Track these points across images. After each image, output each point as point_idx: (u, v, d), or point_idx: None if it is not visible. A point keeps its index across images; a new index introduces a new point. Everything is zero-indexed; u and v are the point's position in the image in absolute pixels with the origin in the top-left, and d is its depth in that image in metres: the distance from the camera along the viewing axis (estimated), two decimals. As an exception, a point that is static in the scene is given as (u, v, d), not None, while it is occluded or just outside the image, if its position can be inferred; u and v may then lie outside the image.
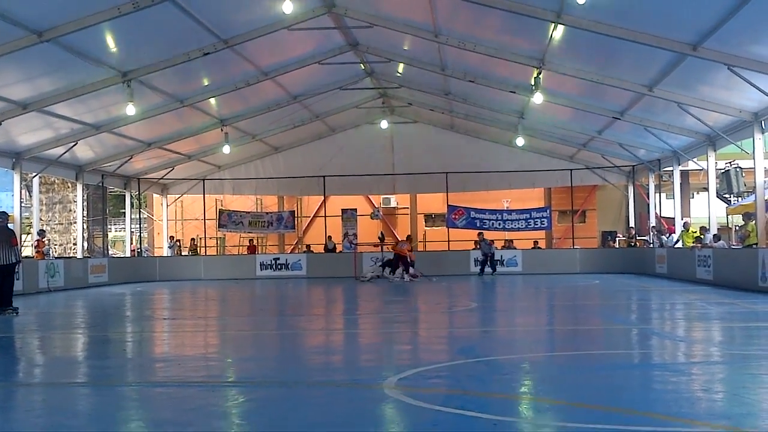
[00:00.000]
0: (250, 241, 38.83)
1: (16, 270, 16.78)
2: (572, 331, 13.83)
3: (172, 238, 38.29)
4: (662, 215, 33.45)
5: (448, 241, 35.62)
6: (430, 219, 44.95)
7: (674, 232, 29.02)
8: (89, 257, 34.73)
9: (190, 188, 38.00)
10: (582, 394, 7.75)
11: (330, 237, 35.95)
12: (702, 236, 26.33)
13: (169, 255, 37.09)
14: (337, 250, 35.74)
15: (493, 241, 32.38)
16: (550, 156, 35.94)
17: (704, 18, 16.79)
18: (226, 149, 32.03)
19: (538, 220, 35.08)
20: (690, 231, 27.88)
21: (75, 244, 41.42)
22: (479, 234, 32.83)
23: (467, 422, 6.50)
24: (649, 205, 33.67)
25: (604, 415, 6.74)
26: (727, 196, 33.08)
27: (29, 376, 10.13)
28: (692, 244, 26.16)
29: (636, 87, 22.54)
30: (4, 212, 17.54)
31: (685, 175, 36.06)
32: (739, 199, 32.54)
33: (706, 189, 27.48)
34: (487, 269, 31.47)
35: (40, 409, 7.66)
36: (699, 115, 23.09)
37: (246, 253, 37.99)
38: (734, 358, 10.08)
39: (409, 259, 29.53)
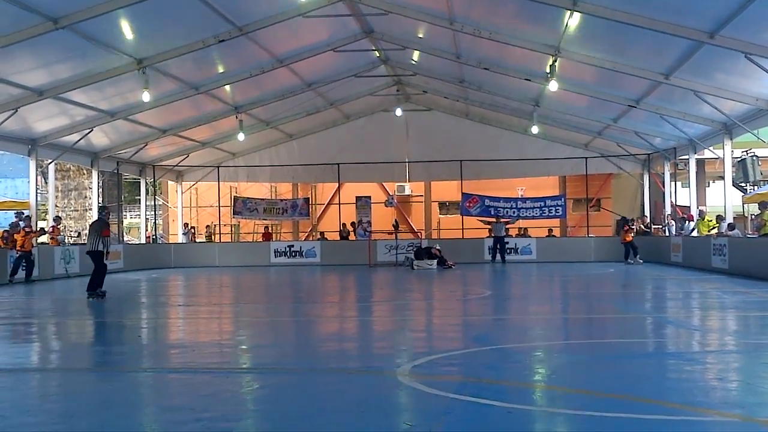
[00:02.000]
0: (266, 228, 38.92)
1: (105, 257, 18.17)
2: (586, 320, 13.82)
3: (186, 225, 38.41)
4: (678, 204, 33.27)
5: (462, 228, 35.58)
6: (445, 207, 44.89)
7: (693, 220, 28.88)
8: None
9: (204, 175, 38.10)
10: (596, 382, 7.75)
11: (344, 225, 35.99)
12: (717, 225, 26.22)
13: (184, 242, 37.23)
14: (350, 238, 35.79)
15: (508, 224, 32.48)
16: (565, 144, 35.81)
17: (722, 5, 16.68)
18: (241, 136, 32.06)
19: (553, 209, 34.99)
20: (705, 220, 27.76)
21: (90, 230, 41.53)
22: (497, 218, 32.97)
23: (481, 410, 6.52)
24: (664, 193, 33.53)
25: (618, 403, 6.75)
26: (742, 184, 32.92)
27: (45, 361, 10.19)
28: (708, 233, 26.06)
29: (652, 75, 22.42)
30: (103, 206, 20.93)
31: (700, 163, 35.87)
32: (755, 187, 32.39)
33: (722, 178, 27.36)
34: (498, 257, 31.63)
35: (56, 395, 7.72)
36: (715, 103, 22.96)
37: (261, 240, 38.06)
38: (748, 347, 10.04)
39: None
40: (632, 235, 30.63)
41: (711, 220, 27.53)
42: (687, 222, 29.37)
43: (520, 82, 26.62)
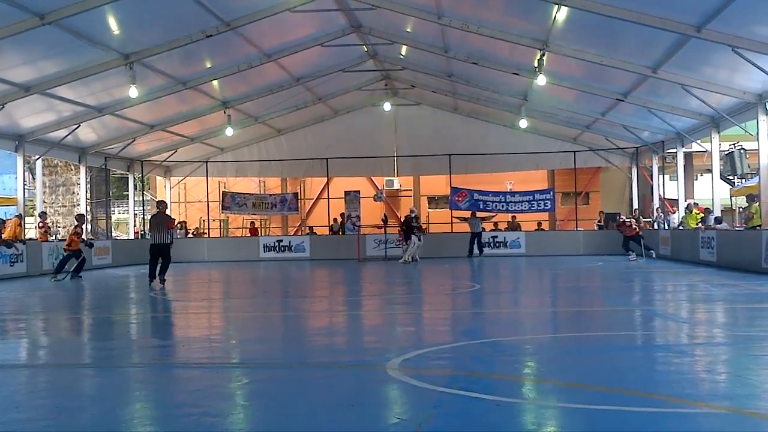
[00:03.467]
0: (252, 224, 38.84)
1: (168, 248, 19.72)
2: (575, 313, 13.85)
3: (173, 220, 38.25)
4: (666, 197, 33.36)
5: (452, 223, 35.63)
6: (434, 201, 44.94)
7: (673, 213, 28.94)
8: (93, 239, 34.73)
9: (193, 170, 38.05)
10: (585, 375, 7.77)
11: (335, 219, 36.02)
12: (705, 217, 26.31)
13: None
14: (340, 233, 35.82)
15: (484, 219, 32.38)
16: (554, 138, 35.87)
17: (708, -1, 16.73)
18: (229, 131, 32.02)
19: (542, 202, 35.07)
20: (693, 213, 27.85)
21: (78, 226, 41.37)
22: (472, 212, 32.83)
23: (470, 403, 6.52)
24: (652, 186, 33.62)
25: (607, 396, 6.77)
26: (730, 177, 33.00)
27: (34, 357, 10.16)
28: (695, 226, 26.14)
29: (640, 69, 22.46)
30: (162, 201, 22.23)
31: (688, 156, 35.90)
32: (743, 180, 32.47)
33: (710, 171, 27.44)
34: (476, 251, 31.58)
35: (45, 391, 7.69)
36: (703, 96, 23.02)
37: (249, 235, 38.00)
38: (737, 339, 10.08)
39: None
40: (636, 228, 29.45)
41: (699, 213, 27.61)
42: (670, 215, 29.44)
43: (508, 76, 26.64)
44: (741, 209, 31.66)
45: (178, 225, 37.84)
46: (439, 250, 31.78)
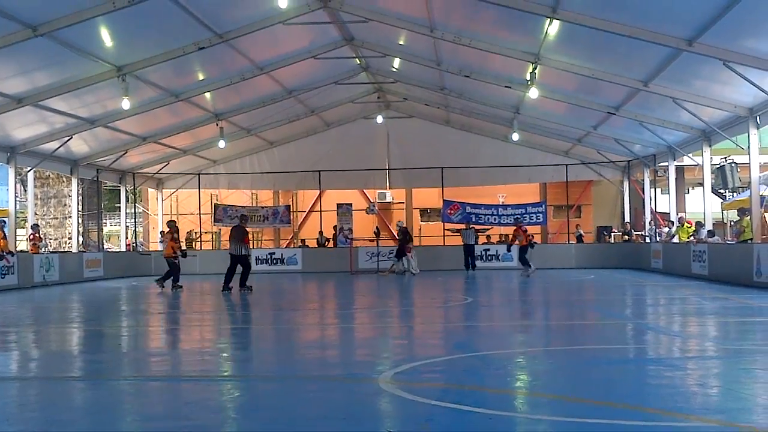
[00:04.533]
0: (241, 235, 38.62)
1: (249, 259, 21.87)
2: (568, 326, 13.84)
3: (162, 233, 38.16)
4: (657, 210, 33.45)
5: (444, 236, 35.63)
6: (426, 214, 44.97)
7: (664, 227, 29.02)
8: (84, 252, 34.68)
9: (185, 183, 38.02)
10: (577, 388, 7.77)
11: (321, 232, 36.05)
12: (696, 231, 26.37)
13: (161, 250, 36.95)
14: (328, 245, 35.81)
15: (478, 231, 31.92)
16: (546, 151, 35.96)
17: (700, 13, 16.80)
18: (222, 144, 32.01)
19: (534, 215, 35.07)
20: (685, 226, 27.92)
21: (70, 238, 41.31)
22: (467, 224, 32.65)
23: (463, 417, 6.52)
24: (644, 200, 33.70)
25: (599, 409, 6.76)
26: (722, 191, 33.05)
27: (24, 370, 10.11)
28: (687, 240, 26.20)
29: (631, 82, 22.55)
30: (244, 215, 24.42)
31: (680, 170, 36.02)
32: (734, 194, 32.55)
33: (701, 184, 27.52)
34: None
35: (35, 404, 7.66)
36: (694, 110, 23.12)
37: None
38: (729, 352, 10.09)
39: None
40: (526, 239, 28.46)
41: (690, 227, 27.69)
42: (662, 228, 29.51)
43: (500, 89, 26.72)
44: (732, 223, 31.71)
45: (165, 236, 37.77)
46: (432, 263, 31.75)
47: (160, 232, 37.99)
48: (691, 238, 26.33)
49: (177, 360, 10.21)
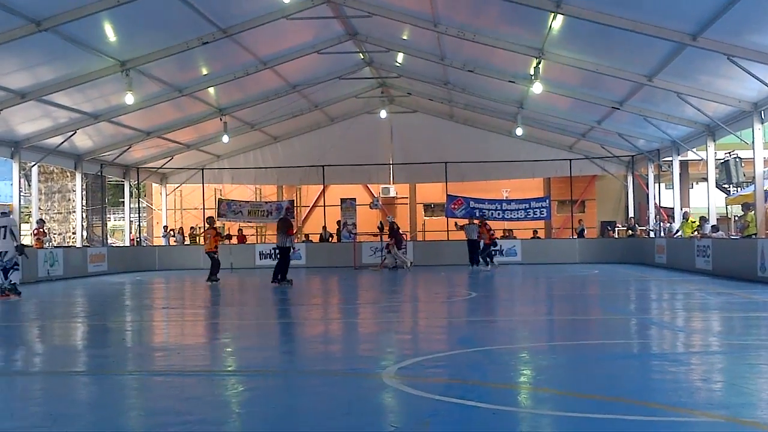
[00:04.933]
0: (239, 230, 38.56)
1: (291, 252, 22.15)
2: (571, 321, 13.85)
3: (166, 227, 38.24)
4: (661, 205, 33.42)
5: (447, 231, 35.61)
6: (430, 209, 44.94)
7: (667, 222, 29.02)
8: (88, 246, 34.73)
9: (189, 178, 38.02)
10: (581, 383, 7.77)
11: (324, 227, 36.05)
12: (701, 226, 26.34)
13: (164, 244, 37.05)
14: (331, 240, 35.79)
15: (481, 226, 31.37)
16: (550, 146, 35.92)
17: (704, 8, 16.76)
18: (225, 139, 32.01)
19: (538, 210, 35.06)
20: (689, 221, 27.90)
21: (74, 233, 41.42)
22: (470, 219, 32.20)
23: (466, 411, 6.52)
24: (648, 195, 33.66)
25: (603, 404, 6.76)
26: (726, 186, 33.09)
27: (29, 364, 10.13)
28: (691, 235, 26.17)
29: (635, 77, 22.51)
30: (290, 207, 23.78)
31: (684, 165, 36.07)
32: (739, 189, 32.56)
33: (706, 179, 27.47)
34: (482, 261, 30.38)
35: (40, 398, 7.67)
36: (698, 105, 23.08)
37: (237, 242, 37.84)
38: (733, 348, 10.09)
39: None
40: (489, 237, 29.18)
41: (694, 221, 27.67)
42: (667, 223, 29.53)
43: (504, 84, 26.67)
44: (737, 218, 31.72)
45: (171, 231, 37.82)
46: (435, 258, 31.75)
47: (164, 227, 38.10)
48: (695, 233, 26.30)
49: (181, 355, 10.21)
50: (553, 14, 19.01)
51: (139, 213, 40.08)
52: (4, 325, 14.42)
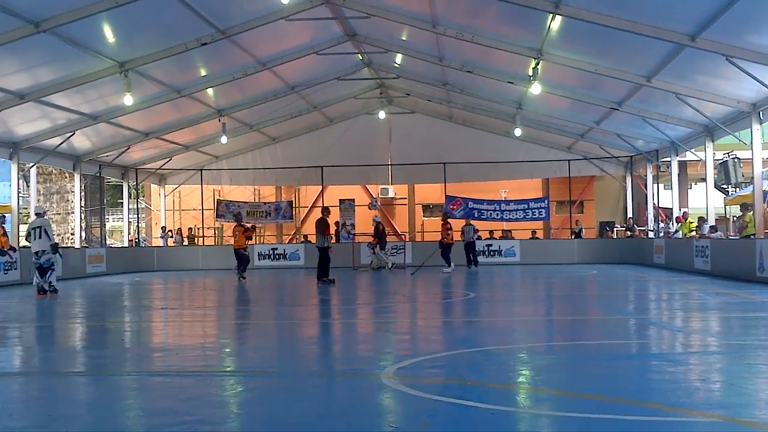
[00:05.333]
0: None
1: (330, 251, 22.44)
2: (570, 321, 13.85)
3: (163, 228, 38.22)
4: (660, 206, 33.42)
5: (440, 231, 35.54)
6: (428, 209, 44.92)
7: (681, 222, 29.02)
8: (87, 247, 34.70)
9: (187, 178, 38.03)
10: (580, 383, 7.77)
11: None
12: (699, 227, 26.36)
13: (162, 245, 37.04)
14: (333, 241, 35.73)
15: (477, 229, 31.34)
16: (548, 146, 35.95)
17: (702, 8, 16.79)
18: (224, 139, 32.01)
19: (536, 211, 35.06)
20: (687, 221, 27.91)
21: (72, 234, 41.36)
22: (466, 220, 32.21)
23: (465, 411, 6.52)
24: (647, 195, 33.67)
25: (601, 404, 6.76)
26: (724, 186, 33.11)
27: (28, 365, 10.13)
28: (689, 233, 26.18)
29: (634, 78, 22.53)
30: (326, 208, 23.98)
31: (683, 165, 36.10)
32: (737, 189, 32.58)
33: (704, 180, 27.49)
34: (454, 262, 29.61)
35: (39, 399, 7.67)
36: (697, 105, 23.10)
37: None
38: (731, 348, 10.09)
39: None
40: (450, 237, 28.70)
41: (692, 222, 27.71)
42: (668, 224, 29.54)
43: (503, 84, 26.69)
44: (735, 218, 31.74)
45: (169, 232, 37.79)
46: (434, 259, 31.70)
47: (161, 228, 38.07)
48: (692, 232, 26.32)
49: (180, 355, 10.21)
50: (551, 15, 19.03)
51: (137, 214, 40.07)
52: (1, 326, 14.40)
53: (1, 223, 23.08)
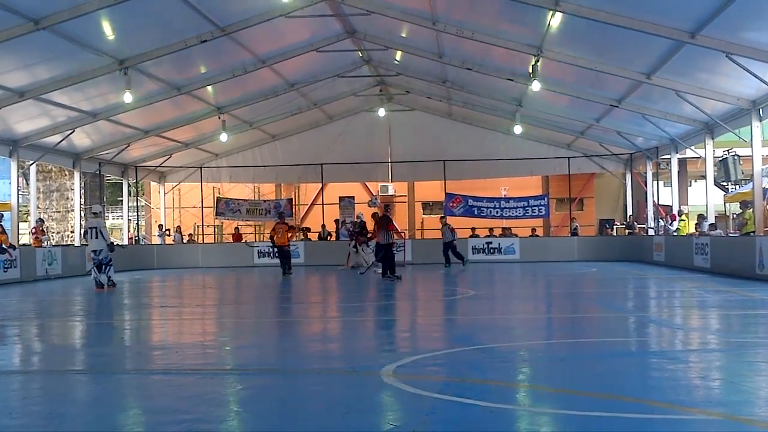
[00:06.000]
0: (236, 229, 38.49)
1: (393, 247, 23.01)
2: (570, 319, 13.85)
3: (161, 226, 38.20)
4: (660, 203, 33.41)
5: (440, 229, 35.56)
6: (428, 207, 44.93)
7: (675, 219, 29.04)
8: (87, 245, 34.64)
9: (187, 176, 38.01)
10: (579, 381, 7.76)
11: (323, 225, 35.98)
12: (699, 224, 26.36)
13: (160, 243, 37.02)
14: (330, 239, 35.71)
15: (454, 228, 31.00)
16: (548, 144, 35.93)
17: (702, 5, 16.77)
18: (224, 137, 31.99)
19: (536, 208, 35.01)
20: (680, 218, 28.06)
21: (72, 231, 41.34)
22: (441, 218, 32.11)
23: (464, 409, 6.52)
24: (646, 193, 33.67)
25: (601, 402, 6.76)
26: (724, 184, 33.07)
27: (27, 363, 10.13)
28: (690, 232, 26.19)
29: (634, 75, 22.51)
30: (388, 205, 24.92)
31: (682, 163, 36.03)
32: (737, 187, 32.56)
33: (704, 177, 27.49)
34: (455, 260, 29.43)
35: (38, 397, 7.67)
36: (697, 102, 23.09)
37: (232, 241, 37.83)
38: (731, 345, 10.09)
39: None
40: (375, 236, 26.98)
41: (683, 219, 27.91)
42: (671, 222, 29.55)
43: (502, 82, 26.67)
44: (735, 215, 31.72)
45: (167, 231, 37.77)
46: (434, 256, 31.70)
47: (159, 226, 38.08)
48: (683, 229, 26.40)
49: (179, 353, 10.21)
50: (551, 12, 19.01)
51: (137, 212, 40.07)
52: (2, 324, 14.40)
53: None
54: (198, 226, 39.47)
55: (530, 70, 22.66)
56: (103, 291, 20.34)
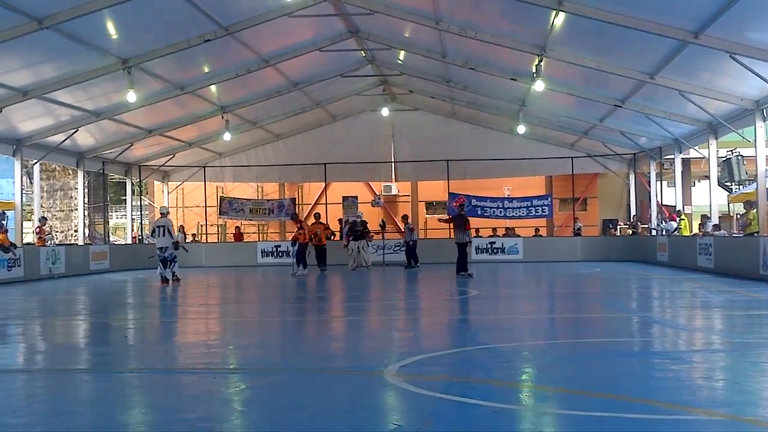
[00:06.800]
0: (237, 228, 38.50)
1: (468, 246, 23.63)
2: (573, 319, 13.84)
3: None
4: (663, 203, 33.36)
5: (449, 228, 35.52)
6: (431, 206, 44.87)
7: (675, 220, 29.03)
8: (90, 244, 34.72)
9: (190, 175, 38.01)
10: (583, 381, 7.76)
11: (327, 225, 35.87)
12: (703, 224, 26.33)
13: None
14: (334, 239, 35.64)
15: (413, 228, 30.79)
16: (551, 144, 35.88)
17: (706, 5, 16.73)
18: (227, 136, 32.00)
19: (540, 208, 34.97)
20: (681, 219, 28.11)
21: (76, 231, 41.42)
22: (404, 217, 32.14)
23: (468, 409, 6.52)
24: (650, 193, 33.63)
25: (604, 402, 6.76)
26: (728, 184, 33.02)
27: (31, 362, 10.14)
28: (694, 232, 26.17)
29: (637, 75, 22.47)
30: (462, 205, 25.47)
31: (686, 163, 35.96)
32: (741, 187, 32.49)
33: (708, 177, 27.45)
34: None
35: (42, 395, 7.68)
36: (700, 102, 23.05)
37: (233, 240, 37.83)
38: (735, 346, 10.07)
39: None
40: (304, 237, 27.50)
41: (683, 219, 27.94)
42: (669, 222, 29.55)
43: (506, 81, 26.64)
44: (739, 216, 31.66)
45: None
46: (437, 256, 31.70)
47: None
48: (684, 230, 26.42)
49: (183, 352, 10.22)
50: (555, 12, 18.98)
51: (141, 211, 40.11)
52: (4, 323, 14.42)
53: (0, 220, 23.14)
54: (201, 226, 39.44)
55: (533, 70, 22.62)
56: (168, 285, 21.73)
